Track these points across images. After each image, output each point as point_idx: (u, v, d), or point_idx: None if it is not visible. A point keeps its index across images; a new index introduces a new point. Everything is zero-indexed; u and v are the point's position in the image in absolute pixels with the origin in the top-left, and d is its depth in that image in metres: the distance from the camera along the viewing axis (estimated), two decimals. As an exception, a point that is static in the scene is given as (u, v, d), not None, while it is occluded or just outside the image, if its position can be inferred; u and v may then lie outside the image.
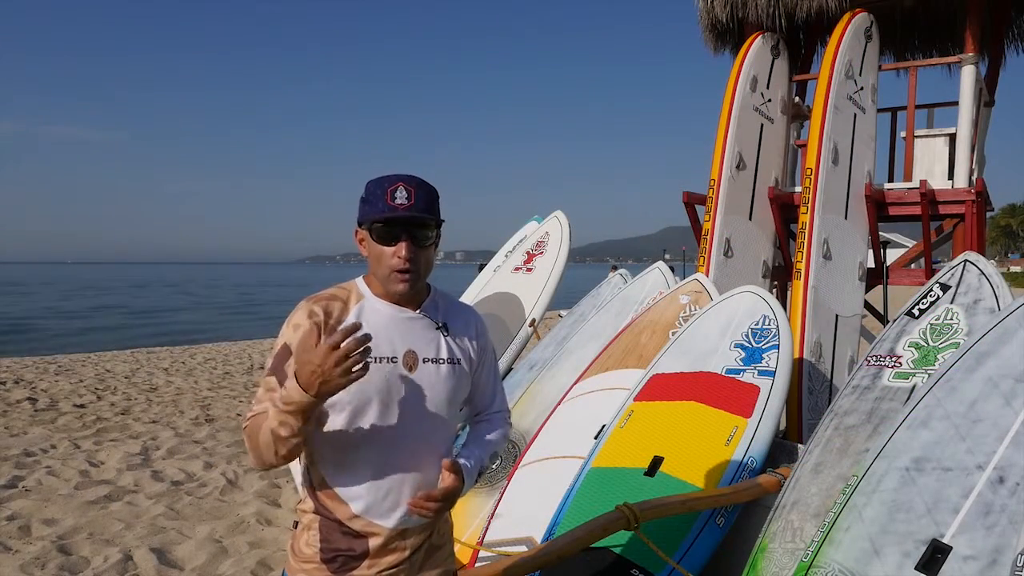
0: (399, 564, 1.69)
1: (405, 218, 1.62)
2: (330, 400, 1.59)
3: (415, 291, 1.70)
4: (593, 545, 2.66)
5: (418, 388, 1.69)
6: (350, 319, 1.64)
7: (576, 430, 3.76)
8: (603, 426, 3.64)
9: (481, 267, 7.38)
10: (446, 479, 1.64)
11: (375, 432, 1.65)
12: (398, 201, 1.61)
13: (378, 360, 1.63)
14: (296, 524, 1.74)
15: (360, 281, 1.75)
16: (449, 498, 1.63)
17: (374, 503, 1.66)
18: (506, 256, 6.83)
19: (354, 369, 1.45)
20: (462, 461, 1.71)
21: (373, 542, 1.66)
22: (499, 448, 1.91)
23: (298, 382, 1.47)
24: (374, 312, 1.68)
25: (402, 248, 1.63)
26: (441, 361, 1.72)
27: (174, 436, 6.77)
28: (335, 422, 1.64)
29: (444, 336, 1.75)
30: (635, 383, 3.76)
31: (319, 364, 1.44)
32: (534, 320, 5.42)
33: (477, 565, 3.27)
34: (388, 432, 1.66)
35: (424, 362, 1.70)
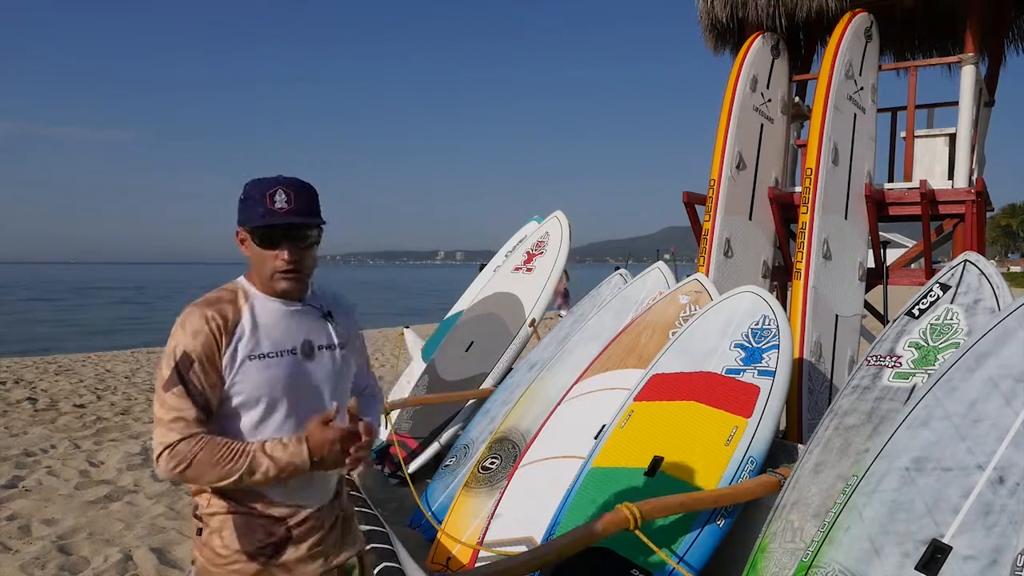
0: (322, 542, 1.76)
1: (286, 223, 1.65)
2: (240, 399, 1.67)
3: (301, 289, 1.75)
4: (593, 545, 2.66)
5: (319, 374, 1.75)
6: (245, 318, 1.68)
7: (576, 430, 3.76)
8: (603, 426, 3.64)
9: (481, 267, 7.39)
10: (358, 422, 1.67)
11: (286, 421, 1.70)
12: (278, 205, 1.64)
13: (279, 354, 1.70)
14: (200, 531, 1.73)
15: (243, 280, 1.77)
16: (368, 437, 1.66)
17: (294, 488, 1.71)
18: (506, 256, 6.84)
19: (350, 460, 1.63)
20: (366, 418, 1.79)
21: (294, 523, 1.72)
22: (376, 420, 1.98)
23: (310, 455, 1.62)
24: (265, 309, 1.72)
25: (284, 252, 1.67)
26: (333, 347, 1.80)
27: (174, 436, 6.77)
28: (249, 419, 1.69)
29: (330, 323, 1.82)
30: (635, 383, 3.76)
31: (341, 445, 1.61)
32: (534, 320, 5.43)
33: (477, 565, 3.28)
34: (299, 419, 1.70)
35: (320, 349, 1.77)
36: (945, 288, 3.38)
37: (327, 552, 1.78)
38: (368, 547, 1.95)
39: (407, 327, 7.83)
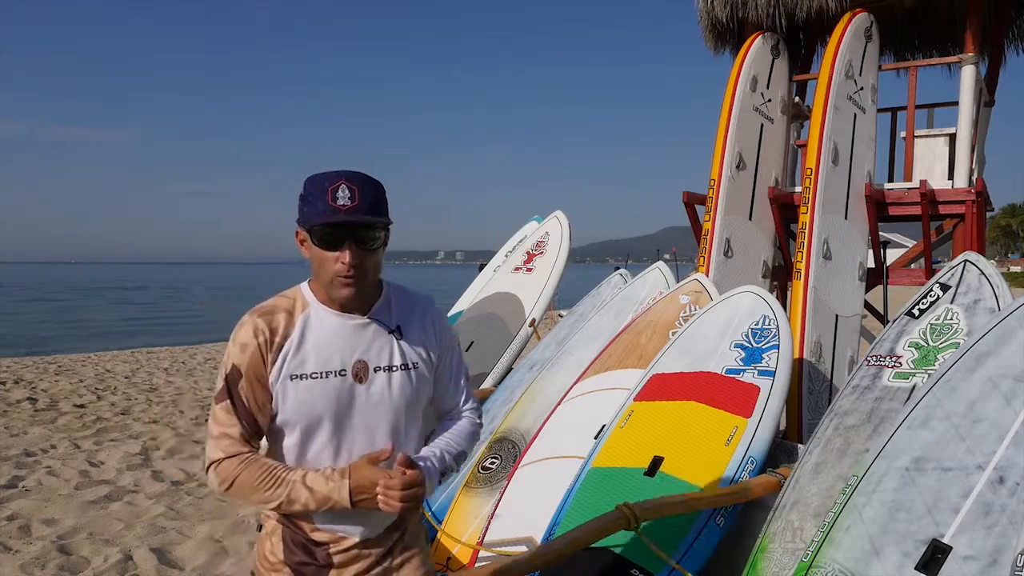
0: (369, 570, 1.66)
1: (349, 221, 1.50)
2: (281, 419, 1.58)
3: (362, 296, 1.60)
4: (593, 545, 2.66)
5: (371, 399, 1.61)
6: (295, 332, 1.57)
7: (576, 430, 3.76)
8: (603, 426, 3.64)
9: (481, 267, 7.38)
10: (405, 473, 1.51)
11: (331, 448, 1.59)
12: (340, 202, 1.49)
13: (324, 375, 1.57)
14: (260, 527, 1.72)
15: (305, 287, 1.65)
16: (410, 489, 1.51)
17: (336, 516, 1.60)
18: (506, 256, 6.83)
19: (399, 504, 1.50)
20: (422, 461, 1.61)
21: (336, 550, 1.63)
22: (465, 447, 1.76)
23: (351, 493, 1.52)
24: (319, 322, 1.60)
25: (346, 254, 1.51)
26: (395, 368, 1.63)
27: (174, 436, 6.77)
28: (289, 442, 1.60)
29: (397, 340, 1.65)
30: (635, 383, 3.76)
31: (382, 487, 1.50)
32: (534, 320, 5.42)
33: (477, 565, 3.27)
34: (345, 447, 1.60)
35: (376, 371, 1.61)
36: (945, 288, 3.38)
37: None
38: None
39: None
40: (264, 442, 1.66)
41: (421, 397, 1.70)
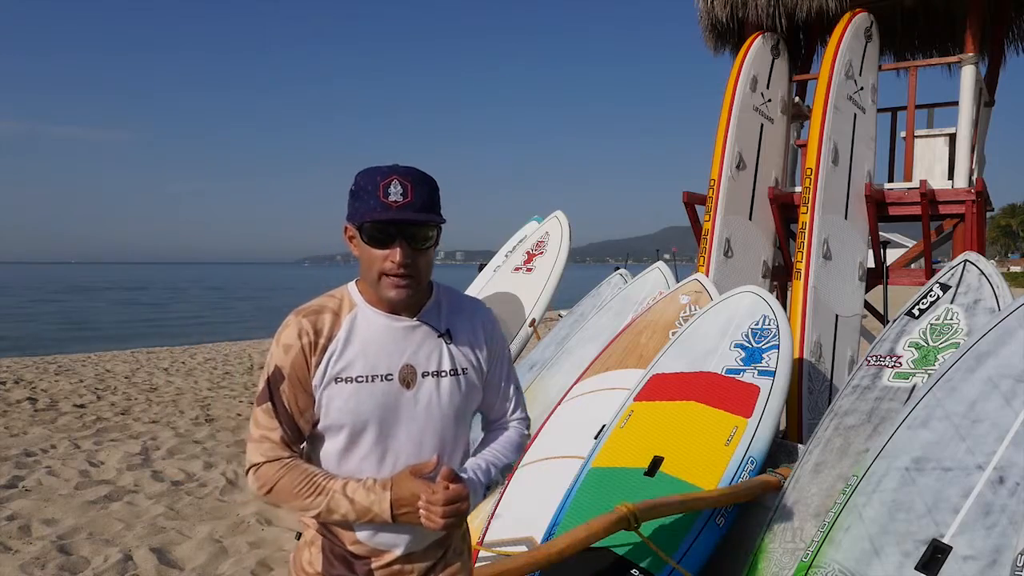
0: None
1: (400, 219, 1.44)
2: (325, 423, 1.53)
3: (412, 298, 1.53)
4: (593, 545, 2.66)
5: (418, 406, 1.54)
6: (341, 333, 1.52)
7: (576, 430, 3.76)
8: (603, 426, 3.64)
9: (481, 267, 7.38)
10: (448, 488, 1.45)
11: (375, 456, 1.53)
12: (392, 198, 1.43)
13: (370, 379, 1.51)
14: (299, 535, 1.66)
15: (352, 287, 1.59)
16: (453, 504, 1.43)
17: (379, 529, 1.54)
18: (506, 256, 6.84)
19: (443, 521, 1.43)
20: (468, 474, 1.56)
21: (376, 566, 1.57)
22: (512, 459, 1.69)
23: (392, 507, 1.46)
24: (367, 324, 1.53)
25: (396, 253, 1.45)
26: (443, 374, 1.57)
27: (174, 436, 6.78)
28: (332, 447, 1.54)
29: (447, 345, 1.58)
30: (635, 383, 3.76)
31: (424, 502, 1.43)
32: (534, 320, 5.42)
33: (477, 565, 3.27)
34: (389, 455, 1.54)
35: (424, 376, 1.55)
36: (945, 288, 3.38)
37: None
38: None
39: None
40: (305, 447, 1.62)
41: (470, 404, 1.64)
